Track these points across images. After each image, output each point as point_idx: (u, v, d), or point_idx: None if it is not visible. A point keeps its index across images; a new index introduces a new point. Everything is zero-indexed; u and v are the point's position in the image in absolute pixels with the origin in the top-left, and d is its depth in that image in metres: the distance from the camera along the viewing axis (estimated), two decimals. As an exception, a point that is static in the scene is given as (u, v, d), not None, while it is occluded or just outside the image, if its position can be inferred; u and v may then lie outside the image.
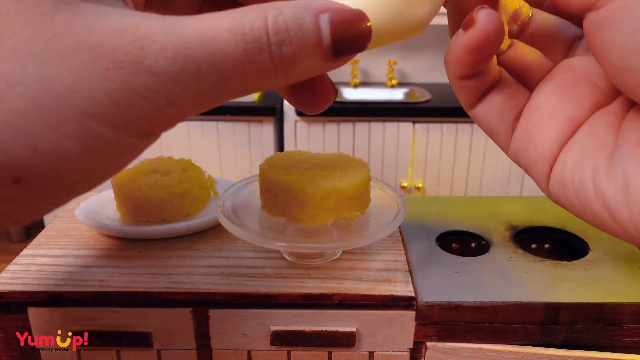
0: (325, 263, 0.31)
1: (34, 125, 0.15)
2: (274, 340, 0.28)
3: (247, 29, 0.17)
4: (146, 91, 0.16)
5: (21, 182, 0.16)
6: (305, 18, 0.18)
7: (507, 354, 0.28)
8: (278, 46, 0.18)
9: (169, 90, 0.17)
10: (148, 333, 0.28)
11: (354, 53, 0.20)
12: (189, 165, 0.37)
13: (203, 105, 0.18)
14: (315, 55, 0.19)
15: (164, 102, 0.17)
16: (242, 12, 0.18)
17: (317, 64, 0.19)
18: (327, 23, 0.19)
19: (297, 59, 0.19)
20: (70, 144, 0.16)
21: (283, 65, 0.18)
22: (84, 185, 0.17)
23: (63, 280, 0.29)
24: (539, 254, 0.33)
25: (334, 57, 0.19)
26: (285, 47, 0.18)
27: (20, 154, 0.15)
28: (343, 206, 0.29)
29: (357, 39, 0.20)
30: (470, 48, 0.22)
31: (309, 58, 0.19)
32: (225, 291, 0.28)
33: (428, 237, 0.35)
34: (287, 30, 0.18)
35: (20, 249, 0.33)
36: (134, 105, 0.17)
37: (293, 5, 0.19)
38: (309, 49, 0.19)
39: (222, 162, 1.45)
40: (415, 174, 1.53)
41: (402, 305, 0.28)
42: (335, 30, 0.19)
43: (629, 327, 0.28)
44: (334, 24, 0.19)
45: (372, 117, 1.47)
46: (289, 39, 0.18)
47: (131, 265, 0.31)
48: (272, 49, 0.18)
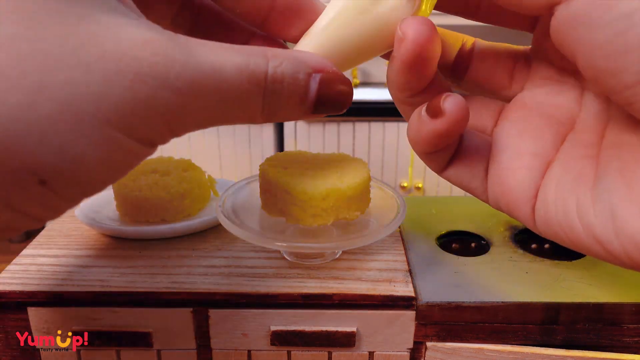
0: (325, 263, 0.31)
1: (62, 130, 0.16)
2: (274, 340, 0.28)
3: (252, 70, 0.19)
4: (163, 107, 0.17)
5: (46, 183, 0.16)
6: (300, 74, 0.20)
7: (507, 354, 0.28)
8: (271, 93, 0.20)
9: (181, 108, 0.18)
10: (148, 333, 0.28)
11: (331, 113, 0.22)
12: (189, 165, 0.37)
13: (202, 126, 0.20)
14: (297, 109, 0.21)
15: (174, 118, 0.18)
16: (248, 53, 0.19)
17: (296, 115, 0.22)
18: (316, 84, 0.21)
19: (282, 107, 0.21)
20: (92, 150, 0.16)
21: (269, 109, 0.20)
22: (95, 188, 0.18)
23: (63, 280, 0.29)
24: (539, 254, 0.33)
25: (313, 112, 0.22)
26: (276, 96, 0.20)
27: (47, 156, 0.16)
28: (343, 206, 0.29)
29: (337, 102, 0.22)
30: (439, 135, 0.22)
31: (291, 109, 0.21)
32: (225, 291, 0.28)
33: (428, 237, 0.35)
34: (282, 82, 0.20)
35: (20, 249, 0.33)
36: (150, 118, 0.17)
37: (293, 58, 0.20)
38: (294, 102, 0.21)
39: (222, 162, 1.45)
40: (415, 174, 1.53)
41: (402, 305, 0.28)
42: (321, 92, 0.21)
43: (629, 327, 0.28)
44: (322, 85, 0.21)
45: (372, 117, 1.47)
46: (281, 90, 0.20)
47: (131, 265, 0.31)
48: (267, 93, 0.20)
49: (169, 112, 0.18)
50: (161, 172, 0.35)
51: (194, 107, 0.18)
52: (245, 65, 0.19)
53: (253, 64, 0.19)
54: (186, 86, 0.18)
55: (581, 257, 0.33)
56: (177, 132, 0.19)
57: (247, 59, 0.19)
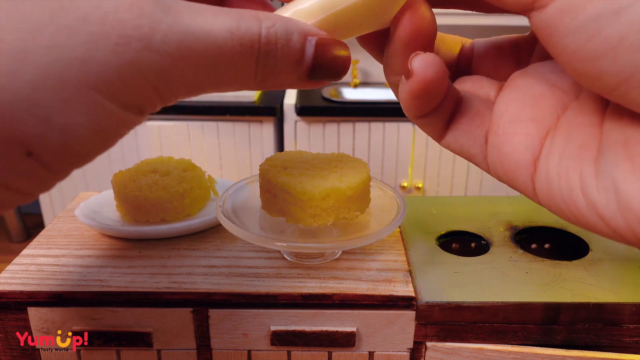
0: (325, 263, 0.31)
1: (47, 98, 0.15)
2: (274, 340, 0.28)
3: (243, 32, 0.19)
4: (149, 70, 0.17)
5: (33, 155, 0.16)
6: (294, 36, 0.20)
7: (507, 354, 0.28)
8: (265, 55, 0.19)
9: (168, 72, 0.18)
10: (148, 333, 0.28)
11: (328, 80, 0.22)
12: (189, 165, 0.37)
13: (192, 92, 0.19)
14: (292, 73, 0.20)
15: (162, 83, 0.18)
16: (239, 15, 0.19)
17: (290, 81, 0.21)
18: (312, 47, 0.20)
19: (276, 71, 0.20)
20: (80, 118, 0.16)
21: (263, 73, 0.20)
22: (86, 158, 0.18)
23: (63, 280, 0.29)
24: (539, 254, 0.33)
25: (309, 78, 0.21)
26: (270, 59, 0.19)
27: (33, 127, 0.15)
28: (343, 206, 0.29)
29: (335, 67, 0.21)
30: (415, 95, 0.21)
31: (286, 74, 0.20)
32: (225, 291, 0.28)
33: (428, 237, 0.35)
34: (276, 44, 0.19)
35: (20, 249, 0.33)
36: (137, 82, 0.17)
37: (285, 20, 0.20)
38: (288, 66, 0.20)
39: (222, 162, 1.45)
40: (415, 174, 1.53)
41: (402, 305, 0.28)
42: (318, 55, 0.20)
43: (628, 327, 0.28)
44: (319, 49, 0.20)
45: (372, 117, 1.47)
46: (275, 53, 0.19)
47: (131, 265, 0.31)
48: (260, 57, 0.19)
49: (155, 76, 0.17)
50: (161, 172, 0.35)
51: (182, 71, 0.18)
52: (236, 27, 0.18)
53: (245, 26, 0.19)
54: (173, 49, 0.17)
55: (581, 257, 0.33)
56: (166, 98, 0.19)
57: (238, 21, 0.19)
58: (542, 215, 0.38)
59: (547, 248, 0.36)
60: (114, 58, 0.16)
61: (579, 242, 0.35)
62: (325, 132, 1.48)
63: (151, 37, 0.17)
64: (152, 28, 0.17)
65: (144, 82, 0.17)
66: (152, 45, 0.17)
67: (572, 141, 0.20)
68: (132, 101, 0.18)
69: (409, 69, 0.21)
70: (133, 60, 0.17)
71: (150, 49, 0.17)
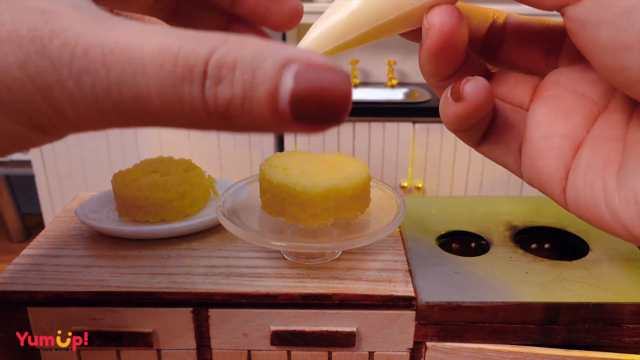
0: (325, 263, 0.31)
1: None
2: (274, 340, 0.28)
3: (185, 52, 0.15)
4: (40, 80, 0.14)
5: None
6: (267, 61, 0.15)
7: (507, 354, 0.28)
8: (213, 82, 0.15)
9: (67, 87, 0.15)
10: (148, 333, 0.28)
11: (321, 124, 0.16)
12: (189, 165, 0.37)
13: (112, 120, 0.15)
14: (265, 110, 0.15)
15: (62, 100, 0.15)
16: (195, 38, 0.15)
17: (266, 119, 0.15)
18: (292, 76, 0.15)
19: (237, 105, 0.15)
20: None
21: (218, 108, 0.15)
22: None
23: (63, 280, 0.29)
24: (539, 254, 0.33)
25: (294, 119, 0.15)
26: (225, 87, 0.15)
27: None
28: (343, 206, 0.29)
29: (324, 106, 0.15)
30: (462, 118, 0.22)
31: (258, 111, 0.15)
32: (225, 291, 0.28)
33: (428, 237, 0.35)
34: (234, 68, 0.15)
35: (20, 249, 0.33)
36: (25, 91, 0.15)
37: (264, 46, 0.15)
38: (258, 101, 0.15)
39: (222, 162, 1.45)
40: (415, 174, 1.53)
41: (402, 305, 0.28)
42: (299, 88, 0.15)
43: (628, 327, 0.28)
44: (300, 78, 0.15)
45: (372, 117, 1.47)
46: (232, 79, 0.15)
47: (131, 265, 0.31)
48: (206, 83, 0.15)
49: (47, 89, 0.14)
50: (161, 172, 0.35)
51: (86, 90, 0.15)
52: (176, 46, 0.15)
53: (190, 47, 0.15)
54: (71, 57, 0.14)
55: (581, 257, 0.33)
56: (75, 122, 0.15)
57: (183, 41, 0.15)
58: (542, 215, 0.38)
59: (547, 248, 0.36)
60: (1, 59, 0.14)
61: (579, 242, 0.35)
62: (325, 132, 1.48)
63: (47, 41, 0.14)
64: (53, 32, 0.14)
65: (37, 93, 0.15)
66: (45, 50, 0.14)
67: (597, 155, 0.21)
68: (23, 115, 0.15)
69: (459, 93, 0.21)
70: (20, 63, 0.14)
71: (42, 53, 0.14)
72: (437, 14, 0.20)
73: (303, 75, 0.15)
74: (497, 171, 1.47)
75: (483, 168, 1.47)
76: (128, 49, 0.15)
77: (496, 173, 1.47)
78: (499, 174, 1.46)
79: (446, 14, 0.20)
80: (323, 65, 0.15)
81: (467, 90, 0.21)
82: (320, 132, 0.16)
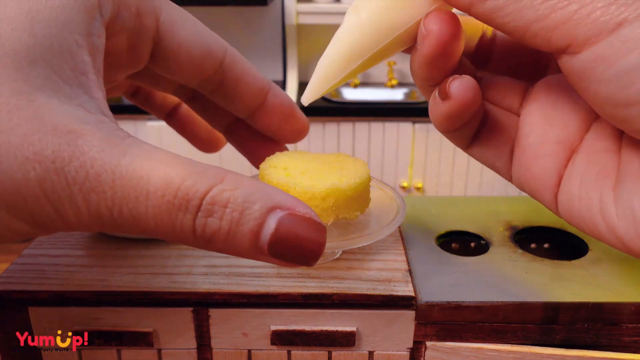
0: (325, 263, 0.31)
1: None
2: (274, 340, 0.29)
3: (185, 186, 0.17)
4: (53, 194, 0.17)
5: None
6: (255, 206, 0.17)
7: (506, 354, 0.28)
8: (205, 215, 0.17)
9: (75, 201, 0.17)
10: (149, 332, 0.28)
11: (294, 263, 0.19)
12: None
13: (107, 228, 0.18)
14: (246, 244, 0.18)
15: (68, 211, 0.17)
16: (197, 171, 0.17)
17: (245, 250, 0.18)
18: (275, 222, 0.18)
19: (221, 236, 0.18)
20: None
21: (204, 235, 0.18)
22: None
23: (63, 280, 0.29)
24: (539, 254, 0.33)
25: (271, 255, 0.18)
26: (211, 220, 0.17)
27: None
28: (343, 206, 0.29)
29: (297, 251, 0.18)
30: (450, 117, 0.22)
31: (240, 243, 0.18)
32: (225, 291, 0.28)
33: (428, 237, 0.35)
34: (225, 206, 0.17)
35: (20, 249, 0.33)
36: (38, 202, 0.17)
37: (257, 189, 0.18)
38: (242, 236, 0.18)
39: (222, 162, 1.46)
40: (415, 174, 1.53)
41: (402, 305, 0.28)
42: (279, 233, 0.18)
43: (628, 327, 0.28)
44: (281, 226, 0.18)
45: (372, 117, 1.47)
46: (222, 215, 0.17)
47: (131, 265, 0.31)
48: (198, 215, 0.17)
49: (58, 201, 0.17)
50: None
51: (92, 204, 0.17)
52: (179, 179, 0.17)
53: (190, 181, 0.17)
54: (84, 177, 0.16)
55: (581, 257, 0.33)
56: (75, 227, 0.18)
57: (186, 174, 0.17)
58: (542, 215, 0.38)
59: (546, 248, 0.36)
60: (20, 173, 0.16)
61: (578, 242, 0.35)
62: (325, 132, 1.48)
63: (66, 162, 0.16)
64: (71, 154, 0.16)
65: (47, 203, 0.17)
66: (62, 170, 0.16)
67: (591, 166, 0.21)
68: (30, 216, 0.17)
69: (446, 91, 0.21)
70: (39, 179, 0.16)
71: (59, 172, 0.16)
72: (435, 21, 0.20)
73: (284, 223, 0.18)
74: (497, 171, 1.47)
75: (483, 168, 1.47)
76: (136, 176, 0.17)
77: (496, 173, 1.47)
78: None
79: (445, 21, 0.20)
80: (303, 216, 0.18)
81: (454, 89, 0.21)
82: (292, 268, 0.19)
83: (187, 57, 0.26)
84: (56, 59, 0.18)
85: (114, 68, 0.25)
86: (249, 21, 1.72)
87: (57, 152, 0.16)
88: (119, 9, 0.22)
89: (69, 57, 0.18)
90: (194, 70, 0.27)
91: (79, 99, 0.18)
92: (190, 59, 0.27)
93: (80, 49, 0.19)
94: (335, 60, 0.22)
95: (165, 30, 0.25)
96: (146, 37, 0.25)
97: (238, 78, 0.29)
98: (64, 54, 0.18)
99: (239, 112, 0.30)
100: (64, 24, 0.18)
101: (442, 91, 0.21)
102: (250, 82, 0.29)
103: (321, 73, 0.23)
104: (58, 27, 0.18)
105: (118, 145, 0.17)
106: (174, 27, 0.25)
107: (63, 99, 0.17)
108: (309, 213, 0.18)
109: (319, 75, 0.23)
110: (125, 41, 0.24)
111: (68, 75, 0.18)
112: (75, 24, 0.18)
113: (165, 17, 0.25)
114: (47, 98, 0.17)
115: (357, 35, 0.22)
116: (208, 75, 0.28)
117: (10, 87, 0.16)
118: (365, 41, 0.22)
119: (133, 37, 0.24)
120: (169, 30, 0.25)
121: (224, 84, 0.29)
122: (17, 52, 0.17)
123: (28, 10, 0.17)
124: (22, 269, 0.30)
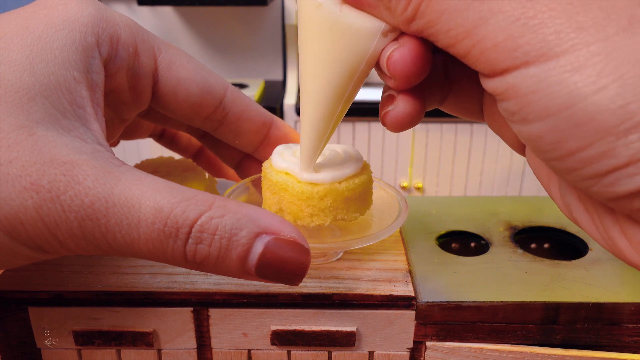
0: (325, 263, 0.31)
1: None
2: (274, 340, 0.29)
3: (174, 215, 0.18)
4: (50, 220, 0.18)
5: None
6: (242, 232, 0.19)
7: (506, 354, 0.28)
8: (195, 242, 0.18)
9: (71, 228, 0.18)
10: (148, 332, 0.28)
11: (280, 283, 0.21)
12: (189, 165, 0.37)
13: (103, 251, 0.19)
14: (234, 266, 0.19)
15: (65, 236, 0.18)
16: (186, 197, 0.18)
17: (234, 273, 0.20)
18: (262, 246, 0.19)
19: (211, 260, 0.19)
20: None
21: (195, 260, 0.19)
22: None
23: (63, 280, 0.29)
24: (539, 254, 0.33)
25: (257, 276, 0.20)
26: (201, 246, 0.18)
27: None
28: (341, 207, 0.29)
29: (282, 272, 0.20)
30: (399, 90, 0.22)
31: (228, 266, 0.19)
32: (225, 291, 0.28)
33: (428, 237, 0.35)
34: (214, 233, 0.18)
35: (20, 248, 0.33)
36: (36, 227, 0.18)
37: (243, 214, 0.19)
38: (230, 260, 0.19)
39: (222, 162, 1.45)
40: (415, 174, 1.53)
41: (402, 305, 0.28)
42: (265, 256, 0.19)
43: (628, 327, 0.28)
44: (268, 249, 0.19)
45: (372, 117, 1.47)
46: (211, 241, 0.18)
47: (131, 265, 0.31)
48: (189, 241, 0.18)
49: (54, 227, 0.18)
50: (162, 172, 0.35)
51: (87, 231, 0.18)
52: (169, 207, 0.18)
53: (179, 209, 0.18)
54: (79, 207, 0.18)
55: (581, 257, 0.33)
56: (73, 250, 0.19)
57: (175, 202, 0.18)
58: (542, 215, 0.38)
59: (546, 248, 0.36)
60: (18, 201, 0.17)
61: (578, 242, 0.35)
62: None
63: (62, 192, 0.17)
64: (67, 184, 0.18)
65: (45, 229, 0.18)
66: (59, 199, 0.17)
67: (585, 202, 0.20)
68: (31, 241, 0.18)
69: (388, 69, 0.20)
70: (36, 207, 0.17)
71: (56, 201, 0.17)
72: (400, 63, 0.19)
73: (271, 247, 0.19)
74: (497, 171, 1.47)
75: (483, 168, 1.47)
76: (128, 204, 0.18)
77: (496, 173, 1.47)
78: (498, 174, 1.47)
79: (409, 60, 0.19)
80: (289, 240, 0.19)
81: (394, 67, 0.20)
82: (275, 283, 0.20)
83: (186, 95, 0.27)
84: (55, 94, 0.19)
85: (120, 106, 0.26)
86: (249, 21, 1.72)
87: (52, 182, 0.17)
88: (117, 48, 0.23)
89: (67, 91, 0.19)
90: (194, 108, 0.28)
91: (77, 131, 0.19)
92: (188, 97, 0.27)
93: (78, 84, 0.20)
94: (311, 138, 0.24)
95: (163, 68, 0.26)
96: (145, 75, 0.26)
97: (240, 114, 0.30)
98: (62, 89, 0.19)
99: (245, 147, 0.32)
100: (63, 62, 0.19)
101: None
102: (253, 117, 0.30)
103: (305, 152, 0.26)
104: (57, 65, 0.19)
105: (112, 172, 0.18)
106: (172, 66, 0.27)
107: (61, 130, 0.18)
108: (294, 236, 0.20)
109: (304, 154, 0.26)
110: (125, 79, 0.25)
111: (66, 109, 0.19)
112: (73, 62, 0.20)
113: (164, 57, 0.26)
114: (46, 130, 0.18)
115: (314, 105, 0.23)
116: (209, 113, 0.29)
117: (11, 122, 0.17)
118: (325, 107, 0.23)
119: (133, 75, 0.25)
120: (167, 68, 0.26)
121: (227, 121, 0.30)
122: (17, 90, 0.18)
123: (29, 53, 0.19)
124: (22, 269, 0.30)
